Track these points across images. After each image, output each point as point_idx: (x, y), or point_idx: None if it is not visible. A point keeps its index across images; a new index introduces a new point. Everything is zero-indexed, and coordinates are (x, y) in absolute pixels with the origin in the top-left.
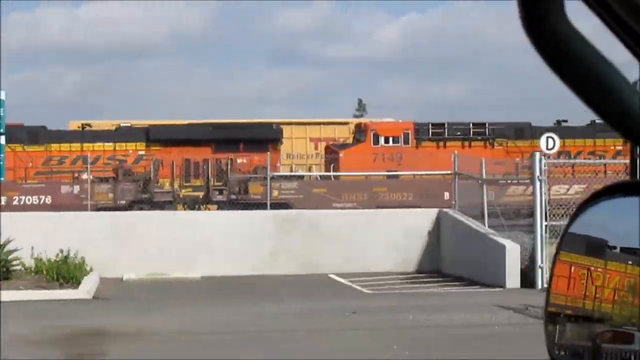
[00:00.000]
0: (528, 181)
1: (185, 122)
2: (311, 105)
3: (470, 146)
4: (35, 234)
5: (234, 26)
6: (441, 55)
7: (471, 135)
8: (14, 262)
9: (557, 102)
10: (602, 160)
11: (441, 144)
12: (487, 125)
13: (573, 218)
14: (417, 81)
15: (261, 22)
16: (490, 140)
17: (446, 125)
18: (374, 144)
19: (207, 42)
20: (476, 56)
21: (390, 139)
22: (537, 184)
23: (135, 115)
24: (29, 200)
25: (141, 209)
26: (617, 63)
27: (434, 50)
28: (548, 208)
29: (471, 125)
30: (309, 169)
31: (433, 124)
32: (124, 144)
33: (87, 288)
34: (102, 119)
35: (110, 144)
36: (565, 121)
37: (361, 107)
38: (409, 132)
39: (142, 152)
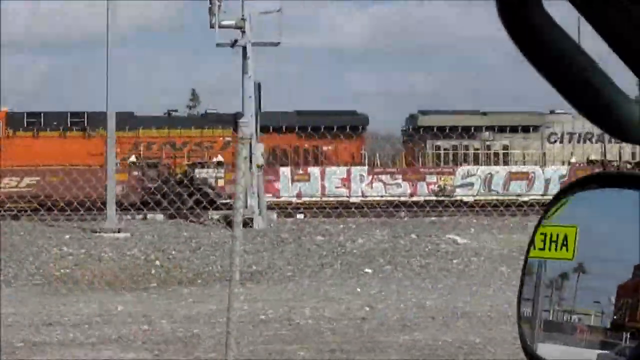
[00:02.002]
0: None
1: None
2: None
3: (65, 137)
4: None
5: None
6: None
7: (69, 126)
8: None
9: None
10: None
11: (38, 134)
12: (86, 115)
13: (545, 213)
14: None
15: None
16: (88, 131)
17: (42, 115)
18: None
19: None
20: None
21: None
22: None
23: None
24: None
25: None
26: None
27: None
28: None
29: (69, 115)
30: None
31: (28, 113)
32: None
33: None
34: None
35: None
36: (175, 111)
37: (195, 97)
38: (0, 121)
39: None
